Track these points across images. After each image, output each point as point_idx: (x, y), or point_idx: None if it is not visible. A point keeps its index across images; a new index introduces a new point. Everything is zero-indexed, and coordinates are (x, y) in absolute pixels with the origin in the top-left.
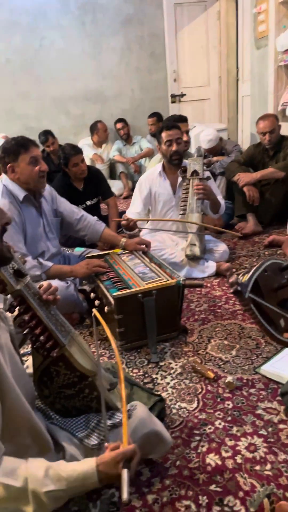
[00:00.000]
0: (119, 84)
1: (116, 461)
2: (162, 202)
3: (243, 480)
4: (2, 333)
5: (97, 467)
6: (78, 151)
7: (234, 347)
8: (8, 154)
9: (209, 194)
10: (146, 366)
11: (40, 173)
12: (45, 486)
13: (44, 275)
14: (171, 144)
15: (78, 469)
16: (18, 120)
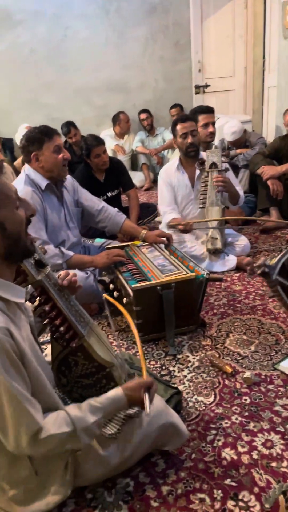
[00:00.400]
0: (142, 75)
1: (139, 386)
2: (181, 196)
3: (258, 476)
4: (23, 325)
5: (124, 392)
6: (100, 142)
7: (253, 342)
8: (32, 142)
9: (229, 186)
10: (163, 358)
11: (63, 161)
12: (88, 421)
13: (65, 264)
14: (187, 137)
15: (110, 396)
16: (41, 111)
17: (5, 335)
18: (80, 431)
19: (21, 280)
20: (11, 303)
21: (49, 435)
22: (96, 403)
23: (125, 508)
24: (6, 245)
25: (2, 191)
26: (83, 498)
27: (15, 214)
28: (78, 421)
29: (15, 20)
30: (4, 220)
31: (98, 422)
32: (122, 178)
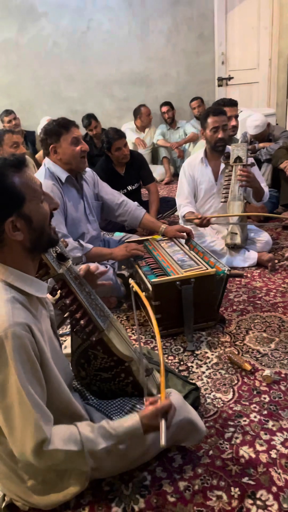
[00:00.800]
0: (164, 67)
1: (156, 414)
2: (204, 190)
3: (277, 475)
4: (43, 320)
5: (141, 421)
6: (121, 135)
7: (273, 340)
8: (50, 135)
9: (253, 182)
10: (181, 353)
11: (81, 153)
12: (98, 444)
13: (84, 257)
14: (217, 131)
15: (124, 424)
16: (63, 103)
17: (25, 331)
18: (87, 453)
19: (43, 273)
20: (33, 297)
21: (55, 449)
22: (110, 429)
23: (142, 502)
24: (32, 238)
25: (28, 185)
26: (100, 490)
27: (40, 207)
28: (88, 442)
29: (39, 13)
30: (30, 213)
31: (108, 449)
32: (142, 171)
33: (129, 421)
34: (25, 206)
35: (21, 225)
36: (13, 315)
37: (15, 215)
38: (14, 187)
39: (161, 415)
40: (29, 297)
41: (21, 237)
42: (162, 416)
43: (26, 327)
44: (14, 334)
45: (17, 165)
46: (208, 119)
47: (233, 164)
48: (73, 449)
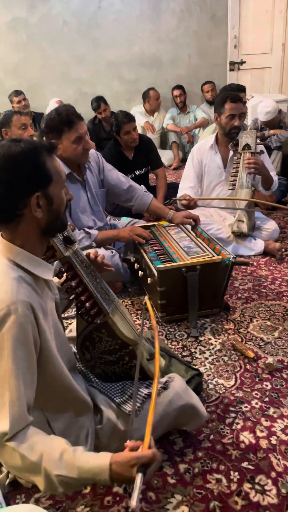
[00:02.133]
0: (176, 49)
1: (130, 464)
2: (212, 176)
3: (276, 461)
4: (48, 302)
5: (111, 465)
6: (131, 118)
7: (277, 328)
8: (51, 130)
9: (261, 169)
10: (185, 339)
11: (83, 152)
12: (56, 468)
13: (94, 244)
14: (233, 118)
15: (91, 462)
16: (72, 85)
17: (27, 310)
18: (43, 470)
19: (49, 255)
20: (40, 279)
21: (13, 448)
22: (76, 460)
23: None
24: (49, 220)
25: (56, 169)
26: None
27: (61, 193)
28: (47, 460)
29: None
30: (53, 195)
31: (63, 480)
32: (151, 156)
33: (97, 459)
34: (50, 187)
35: (43, 203)
36: (17, 293)
37: (41, 192)
38: (45, 166)
39: (138, 467)
40: (36, 278)
41: (41, 215)
42: (139, 470)
43: (28, 306)
44: (16, 311)
45: (49, 149)
46: (226, 105)
47: (241, 152)
48: (30, 457)
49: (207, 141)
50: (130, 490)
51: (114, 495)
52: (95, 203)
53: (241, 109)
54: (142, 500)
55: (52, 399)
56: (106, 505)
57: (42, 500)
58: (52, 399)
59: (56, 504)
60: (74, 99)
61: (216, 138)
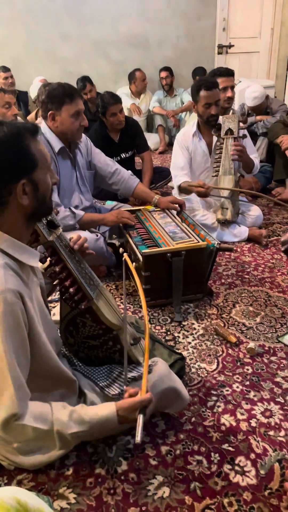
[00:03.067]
0: (164, 30)
1: (134, 408)
2: (197, 163)
3: (256, 443)
4: (34, 287)
5: (117, 412)
6: (117, 100)
7: (259, 314)
8: (52, 101)
9: (244, 156)
10: (169, 324)
11: (80, 128)
12: (69, 428)
13: (77, 225)
14: (210, 107)
15: (99, 413)
16: (57, 63)
17: (16, 298)
18: (56, 434)
19: (32, 239)
20: (25, 265)
21: (24, 424)
22: (85, 415)
23: (125, 464)
24: (35, 206)
25: (41, 153)
26: (84, 452)
27: (47, 178)
28: (58, 424)
29: None
30: (38, 181)
31: (78, 434)
32: (137, 139)
33: (104, 410)
34: (35, 172)
35: (28, 189)
36: (5, 281)
37: (26, 178)
38: (30, 151)
39: (140, 409)
40: (21, 264)
41: (27, 201)
42: (140, 411)
43: (17, 294)
44: (6, 300)
45: (33, 131)
46: (201, 93)
47: (224, 137)
48: (42, 427)
49: (189, 128)
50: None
51: (96, 476)
52: (83, 183)
53: (217, 96)
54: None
55: (40, 382)
56: (88, 486)
57: (24, 482)
58: (40, 381)
59: (39, 485)
60: (59, 78)
61: (198, 125)
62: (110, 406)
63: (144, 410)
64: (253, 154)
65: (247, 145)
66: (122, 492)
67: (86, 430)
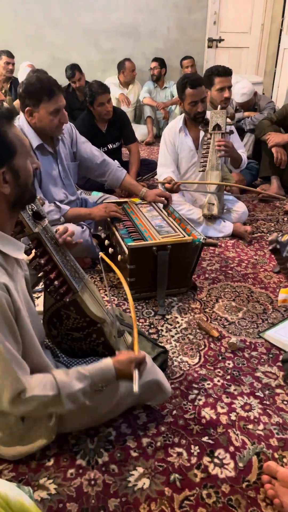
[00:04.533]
0: (155, 21)
1: (129, 361)
2: (184, 158)
3: (235, 436)
4: (19, 279)
5: (114, 364)
6: (105, 89)
7: (241, 309)
8: (29, 96)
9: (231, 151)
10: (152, 317)
11: (59, 124)
12: (74, 386)
13: (62, 218)
14: (196, 105)
15: (97, 366)
16: (45, 49)
17: (2, 291)
18: (64, 396)
19: (17, 230)
20: (10, 256)
21: (32, 395)
22: (84, 371)
23: (106, 455)
24: (17, 194)
25: (19, 138)
26: (66, 443)
27: (27, 164)
28: (64, 386)
29: None
30: (19, 168)
31: (84, 390)
32: (125, 130)
33: (101, 363)
34: (15, 159)
35: (9, 178)
36: None
37: (6, 166)
38: (7, 137)
39: (135, 364)
40: (5, 256)
41: (8, 190)
42: (135, 366)
43: (3, 287)
44: None
45: (8, 116)
46: (186, 91)
47: (212, 132)
48: (49, 393)
49: (175, 123)
50: None
51: (78, 467)
52: (66, 176)
53: (202, 94)
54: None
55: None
56: (69, 477)
57: (4, 472)
58: None
59: (19, 476)
60: (47, 64)
61: (184, 121)
62: (107, 359)
63: (138, 366)
64: (241, 149)
65: (235, 140)
66: (102, 483)
67: (88, 383)
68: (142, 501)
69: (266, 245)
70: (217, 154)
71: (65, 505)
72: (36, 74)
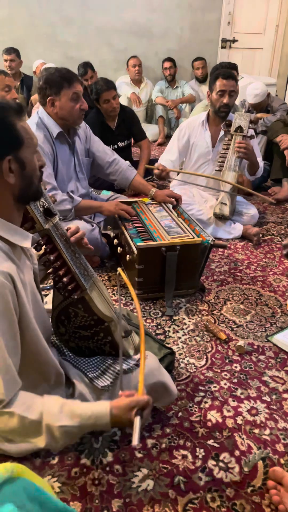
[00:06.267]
0: (168, 21)
1: (130, 407)
2: (198, 154)
3: (240, 440)
4: (26, 271)
5: (111, 410)
6: (110, 86)
7: (250, 312)
8: (50, 86)
9: (250, 154)
10: (159, 318)
11: (80, 111)
12: (58, 420)
13: (73, 210)
14: (223, 95)
15: (92, 408)
16: (58, 48)
17: (6, 280)
18: (45, 425)
19: (28, 226)
20: (17, 247)
21: (11, 411)
22: (77, 409)
23: (110, 455)
24: (22, 186)
25: (27, 132)
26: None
27: (33, 158)
28: (48, 415)
29: None
30: (25, 159)
31: (66, 430)
32: (134, 128)
33: (97, 406)
34: (21, 150)
35: (15, 168)
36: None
37: (12, 155)
38: (15, 127)
39: (137, 410)
40: (13, 247)
41: (13, 180)
42: (137, 413)
43: (8, 277)
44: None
45: (18, 110)
46: (217, 81)
47: (233, 134)
48: (30, 417)
49: (198, 118)
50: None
51: (82, 466)
52: (80, 170)
53: (232, 87)
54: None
55: (28, 370)
56: (73, 476)
57: None
58: (28, 370)
59: None
60: (60, 62)
61: (207, 115)
62: (104, 403)
63: (141, 412)
64: (259, 157)
65: (254, 146)
66: (106, 483)
67: (76, 425)
68: (145, 502)
69: (276, 248)
70: (236, 155)
71: (69, 504)
72: (52, 68)
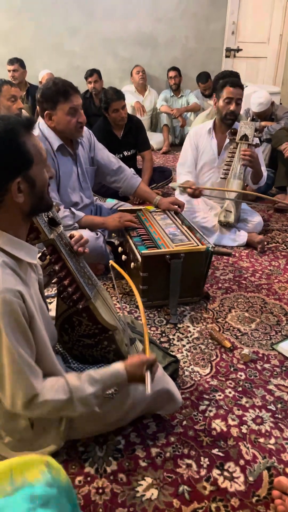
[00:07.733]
0: (173, 30)
1: (141, 363)
2: (204, 161)
3: (245, 450)
4: (32, 283)
5: (125, 368)
6: (120, 96)
7: (254, 320)
8: (46, 100)
9: (255, 163)
10: (164, 325)
11: (77, 125)
12: (86, 390)
13: (76, 224)
14: (230, 103)
15: (109, 371)
16: (64, 57)
17: (16, 298)
18: (76, 400)
19: (33, 236)
20: (23, 261)
21: (45, 400)
22: (96, 375)
23: (114, 464)
24: (32, 203)
25: (37, 148)
26: (75, 450)
27: (43, 173)
28: (76, 390)
29: None
30: (35, 177)
31: (96, 394)
32: (139, 137)
33: (113, 366)
34: (31, 169)
35: (24, 187)
36: (3, 281)
37: (21, 177)
38: (25, 147)
39: (147, 366)
40: (19, 261)
41: (22, 199)
42: (147, 368)
43: (17, 294)
44: (5, 300)
45: (28, 126)
46: (224, 89)
47: (238, 142)
48: (62, 398)
49: (205, 125)
50: None
51: (86, 475)
52: (84, 179)
53: (239, 95)
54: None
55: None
56: (77, 484)
57: None
58: None
59: None
60: (66, 72)
61: (214, 123)
62: (118, 363)
63: (150, 368)
64: (262, 166)
65: (258, 155)
66: (110, 492)
67: (100, 387)
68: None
69: (280, 256)
70: (241, 162)
71: None
72: (53, 78)
